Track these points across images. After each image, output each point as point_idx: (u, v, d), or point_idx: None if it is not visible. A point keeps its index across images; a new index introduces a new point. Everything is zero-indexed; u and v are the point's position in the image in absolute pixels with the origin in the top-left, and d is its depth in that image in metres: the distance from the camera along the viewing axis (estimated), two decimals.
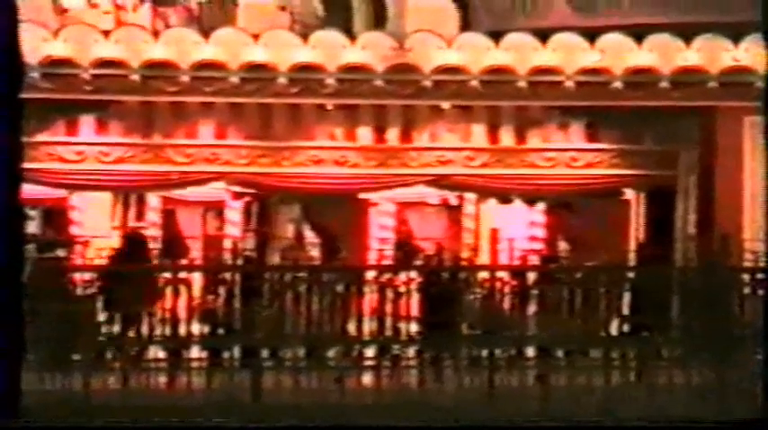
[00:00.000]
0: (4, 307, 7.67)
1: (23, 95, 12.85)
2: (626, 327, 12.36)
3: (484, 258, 13.91)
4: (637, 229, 14.26)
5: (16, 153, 7.58)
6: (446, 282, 12.33)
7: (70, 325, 11.76)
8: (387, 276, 12.16)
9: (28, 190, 13.55)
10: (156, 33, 13.63)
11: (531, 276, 12.27)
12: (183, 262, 13.55)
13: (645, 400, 10.97)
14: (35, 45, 12.67)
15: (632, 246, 13.94)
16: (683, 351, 12.00)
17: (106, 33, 13.39)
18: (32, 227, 13.85)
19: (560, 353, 11.95)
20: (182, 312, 12.05)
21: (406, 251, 13.90)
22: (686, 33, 13.09)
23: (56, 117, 13.54)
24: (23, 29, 12.57)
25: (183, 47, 13.16)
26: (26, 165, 13.38)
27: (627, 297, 12.26)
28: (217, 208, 14.37)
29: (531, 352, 12.08)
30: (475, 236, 14.26)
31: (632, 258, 13.49)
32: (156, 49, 13.14)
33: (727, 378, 10.31)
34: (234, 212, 14.12)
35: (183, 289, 12.09)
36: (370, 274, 12.28)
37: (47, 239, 14.04)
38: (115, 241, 13.82)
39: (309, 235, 13.87)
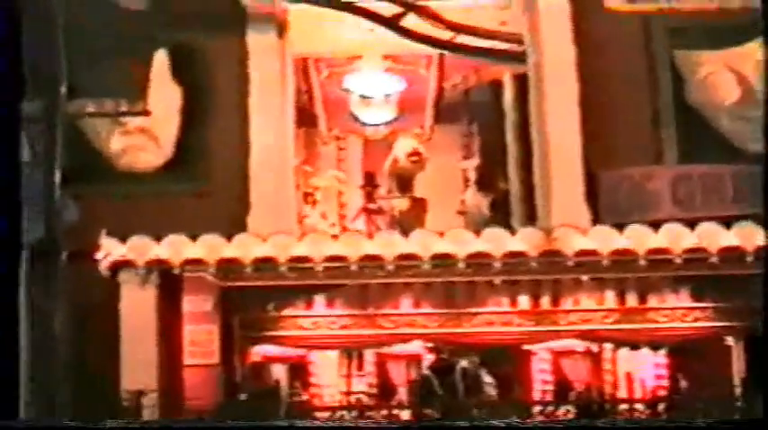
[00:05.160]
0: (4, 310, 6.79)
1: (275, 283, 13.28)
2: None
3: (622, 393, 13.59)
4: (738, 367, 13.76)
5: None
6: (594, 412, 12.37)
7: None
8: (549, 409, 12.31)
9: (277, 351, 14.08)
10: (369, 235, 13.74)
11: (661, 406, 12.32)
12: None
13: None
14: (285, 247, 13.15)
15: (736, 380, 13.53)
16: None
17: (335, 237, 13.61)
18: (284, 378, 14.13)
19: None
20: None
21: (561, 388, 13.70)
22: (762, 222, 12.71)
23: (297, 297, 13.76)
24: (278, 239, 13.02)
25: (388, 244, 13.19)
26: (276, 333, 13.96)
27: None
28: (416, 360, 14.24)
29: None
30: (613, 375, 13.91)
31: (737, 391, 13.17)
32: (369, 247, 13.20)
33: None
34: (429, 363, 13.95)
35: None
36: (537, 409, 12.43)
37: (293, 387, 14.06)
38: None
39: (487, 378, 13.61)
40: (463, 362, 13.43)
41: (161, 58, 14.98)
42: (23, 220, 13.16)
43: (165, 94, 14.88)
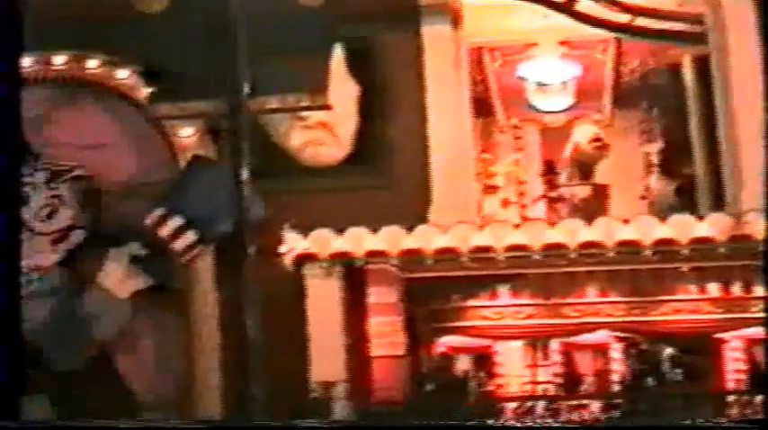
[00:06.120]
0: (4, 311, 6.63)
1: (457, 274, 13.25)
2: None
3: None
4: None
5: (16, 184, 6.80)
6: None
7: None
8: (745, 398, 11.96)
9: (462, 342, 14.07)
10: (551, 223, 13.53)
11: None
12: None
13: None
14: (466, 237, 13.13)
15: None
16: None
17: (516, 226, 13.45)
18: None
19: None
20: None
21: (757, 376, 13.18)
22: None
23: (480, 288, 13.68)
24: (459, 229, 13.01)
25: (571, 232, 13.03)
26: (460, 323, 13.95)
27: None
28: (602, 349, 14.02)
29: None
30: None
31: None
32: (552, 235, 13.07)
33: None
34: (616, 352, 13.82)
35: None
36: (731, 398, 12.07)
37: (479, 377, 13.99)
38: None
39: (677, 367, 13.31)
40: (668, 350, 13.16)
41: (338, 54, 15.11)
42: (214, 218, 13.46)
43: (342, 90, 15.01)
